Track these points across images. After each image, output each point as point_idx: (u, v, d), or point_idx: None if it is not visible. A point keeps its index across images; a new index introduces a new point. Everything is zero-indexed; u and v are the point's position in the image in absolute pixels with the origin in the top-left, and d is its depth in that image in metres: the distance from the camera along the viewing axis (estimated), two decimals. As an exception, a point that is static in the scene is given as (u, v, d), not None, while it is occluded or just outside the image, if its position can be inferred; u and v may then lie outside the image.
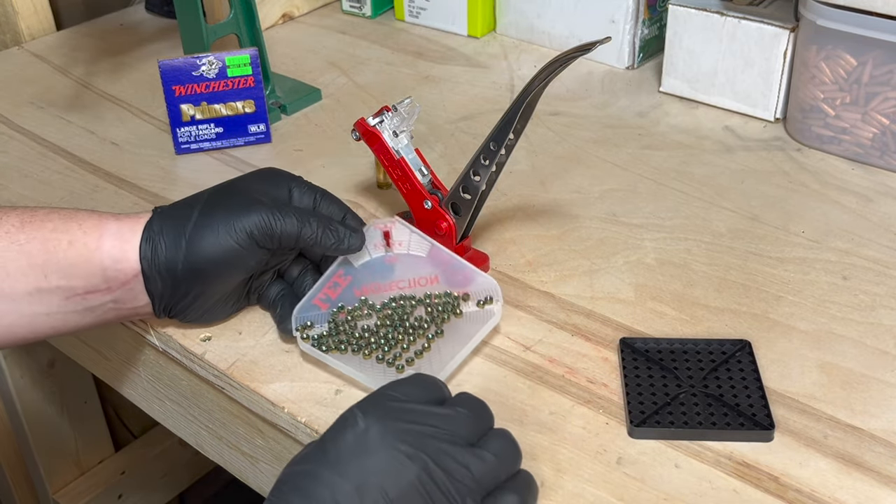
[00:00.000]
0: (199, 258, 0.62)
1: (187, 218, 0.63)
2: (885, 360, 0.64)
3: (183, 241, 0.62)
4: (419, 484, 0.48)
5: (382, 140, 0.71)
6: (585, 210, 0.80)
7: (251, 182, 0.67)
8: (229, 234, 0.62)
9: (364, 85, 1.02)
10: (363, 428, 0.49)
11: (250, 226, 0.62)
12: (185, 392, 0.74)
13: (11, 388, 1.19)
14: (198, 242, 0.62)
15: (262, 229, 0.62)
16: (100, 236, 0.62)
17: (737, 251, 0.75)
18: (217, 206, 0.63)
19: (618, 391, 0.62)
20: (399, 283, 0.68)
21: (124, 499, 1.35)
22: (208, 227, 0.62)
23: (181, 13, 0.91)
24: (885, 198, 0.81)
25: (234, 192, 0.65)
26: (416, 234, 0.69)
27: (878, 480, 0.55)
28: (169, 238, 0.62)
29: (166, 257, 0.62)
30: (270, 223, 0.62)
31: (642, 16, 1.01)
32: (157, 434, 1.40)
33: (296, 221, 0.63)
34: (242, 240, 0.62)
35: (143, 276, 0.62)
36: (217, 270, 0.62)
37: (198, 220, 0.62)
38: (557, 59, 0.63)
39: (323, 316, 0.66)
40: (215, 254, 0.62)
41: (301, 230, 0.63)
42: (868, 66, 0.82)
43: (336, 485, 0.47)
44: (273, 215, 0.62)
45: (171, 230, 0.62)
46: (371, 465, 0.48)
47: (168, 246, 0.62)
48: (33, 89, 1.03)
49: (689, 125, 0.93)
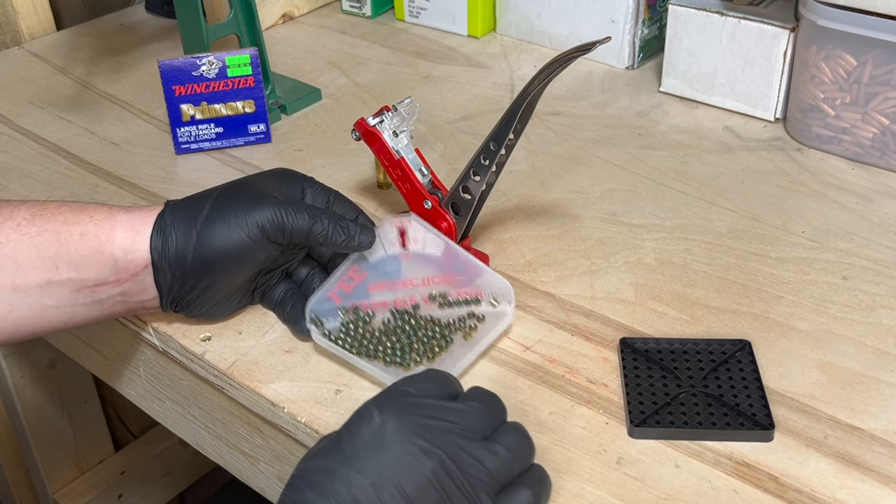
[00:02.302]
0: (210, 250, 0.62)
1: (199, 210, 0.63)
2: (885, 360, 0.64)
3: (194, 233, 0.62)
4: (435, 479, 0.48)
5: (382, 140, 0.71)
6: (585, 210, 0.80)
7: (264, 179, 0.67)
8: (241, 228, 0.62)
9: (364, 85, 1.03)
10: (379, 423, 0.49)
11: (262, 220, 0.62)
12: (185, 392, 0.74)
13: (11, 388, 1.19)
14: (209, 235, 0.62)
15: (273, 223, 0.62)
16: (111, 227, 0.62)
17: (737, 251, 0.75)
18: (229, 200, 0.63)
19: (618, 391, 0.62)
20: (413, 280, 0.67)
21: (124, 499, 1.35)
22: (220, 220, 0.62)
23: (181, 13, 0.91)
24: (885, 198, 0.81)
25: (246, 188, 0.65)
26: (431, 232, 0.69)
27: (878, 480, 0.55)
28: (180, 230, 0.62)
29: (177, 249, 0.62)
30: (282, 218, 0.62)
31: (642, 16, 1.01)
32: (157, 434, 1.40)
33: (307, 217, 0.63)
34: (254, 234, 0.62)
35: (153, 267, 0.62)
36: (227, 264, 0.63)
37: (209, 213, 0.62)
38: (557, 59, 0.63)
39: (335, 309, 0.66)
40: (226, 247, 0.62)
41: (312, 226, 0.63)
42: (868, 66, 0.82)
43: (352, 480, 0.47)
44: (285, 210, 0.62)
45: (183, 222, 0.62)
46: (387, 461, 0.48)
47: (179, 238, 0.62)
48: (33, 89, 1.03)
49: (689, 125, 0.93)
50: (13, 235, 0.61)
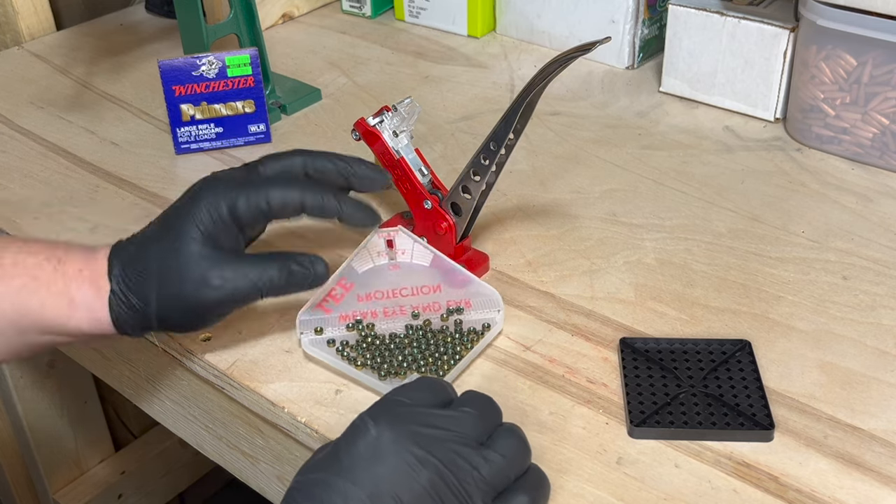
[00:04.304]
0: (175, 322, 0.61)
1: (146, 296, 0.60)
2: (885, 360, 0.64)
3: (152, 307, 0.60)
4: (431, 489, 0.48)
5: (382, 140, 0.71)
6: (585, 210, 0.80)
7: (193, 254, 0.60)
8: (196, 304, 0.59)
9: (364, 85, 1.03)
10: (375, 435, 0.49)
11: (215, 296, 0.59)
12: (185, 392, 0.74)
13: (11, 388, 1.19)
14: (168, 313, 0.60)
15: (228, 295, 0.60)
16: (69, 305, 0.60)
17: (737, 251, 0.75)
18: (174, 290, 0.60)
19: (618, 391, 0.62)
20: (402, 290, 0.68)
21: (124, 499, 1.35)
22: (173, 307, 0.60)
23: (181, 13, 0.91)
24: (885, 198, 0.81)
25: (183, 273, 0.60)
26: (419, 243, 0.69)
27: (878, 480, 0.55)
28: (137, 305, 0.60)
29: (142, 319, 0.60)
30: (234, 286, 0.59)
31: (642, 16, 1.01)
32: (157, 434, 1.40)
33: (254, 279, 0.60)
34: (211, 298, 0.59)
35: (126, 334, 0.61)
36: (195, 319, 0.61)
37: (158, 304, 0.60)
38: (557, 59, 0.63)
39: (327, 321, 0.66)
40: (189, 312, 0.60)
41: (260, 283, 0.60)
42: (868, 66, 0.82)
43: (349, 492, 0.47)
44: (234, 289, 0.59)
45: (137, 297, 0.60)
46: (383, 472, 0.48)
47: (139, 310, 0.60)
48: (33, 89, 1.03)
49: (689, 125, 0.93)
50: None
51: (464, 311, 0.67)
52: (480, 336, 0.65)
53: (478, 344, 0.64)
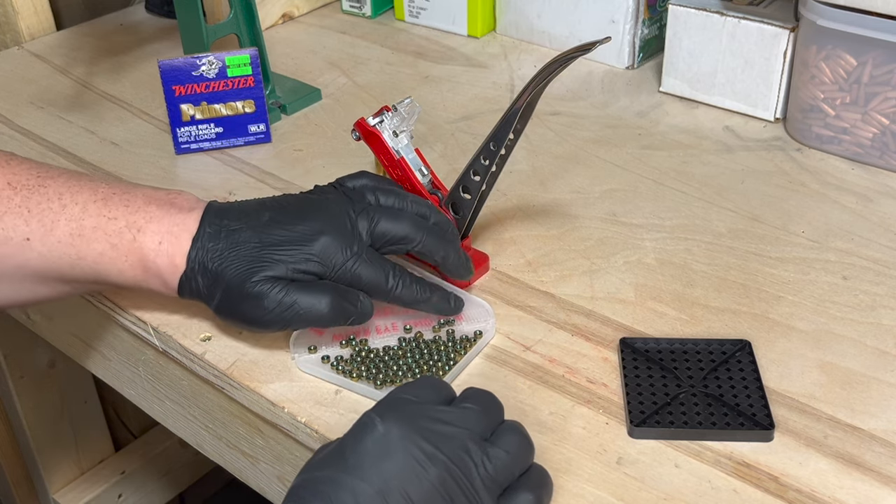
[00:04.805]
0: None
1: (213, 294, 0.63)
2: (885, 360, 0.64)
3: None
4: (440, 485, 0.48)
5: (382, 140, 0.71)
6: (585, 210, 0.80)
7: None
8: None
9: (364, 85, 1.03)
10: (382, 432, 0.49)
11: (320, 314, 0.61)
12: (185, 392, 0.74)
13: (11, 388, 1.19)
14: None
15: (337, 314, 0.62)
16: (144, 273, 0.63)
17: (737, 251, 0.75)
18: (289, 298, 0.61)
19: (618, 391, 0.62)
20: (393, 308, 0.67)
21: (124, 499, 1.35)
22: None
23: (181, 13, 0.91)
24: (885, 198, 0.81)
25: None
26: (407, 262, 0.70)
27: (878, 480, 0.55)
28: (203, 292, 0.63)
29: (203, 300, 0.64)
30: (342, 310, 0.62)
31: (642, 16, 1.01)
32: (157, 434, 1.40)
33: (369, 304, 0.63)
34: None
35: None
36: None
37: (218, 305, 0.63)
38: (557, 59, 0.63)
39: (320, 340, 0.66)
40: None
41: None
42: (868, 66, 0.82)
43: (358, 489, 0.47)
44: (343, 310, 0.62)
45: (205, 288, 0.63)
46: (391, 468, 0.48)
47: (203, 296, 0.63)
48: (33, 89, 1.03)
49: (689, 125, 0.93)
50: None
51: (455, 323, 0.67)
52: (473, 343, 0.65)
53: (471, 350, 0.64)
